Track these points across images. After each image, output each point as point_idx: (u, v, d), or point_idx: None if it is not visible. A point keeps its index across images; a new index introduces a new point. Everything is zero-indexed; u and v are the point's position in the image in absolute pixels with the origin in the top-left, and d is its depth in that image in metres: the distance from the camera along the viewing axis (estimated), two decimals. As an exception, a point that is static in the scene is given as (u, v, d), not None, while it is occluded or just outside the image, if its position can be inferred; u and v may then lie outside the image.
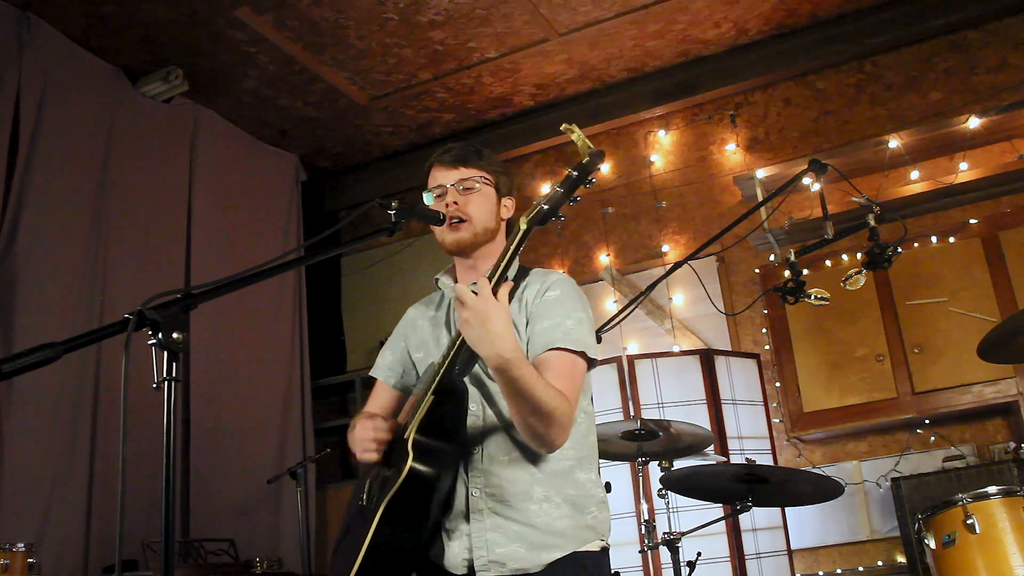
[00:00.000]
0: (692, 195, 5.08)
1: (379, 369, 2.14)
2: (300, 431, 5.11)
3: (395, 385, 2.10)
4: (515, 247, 1.68)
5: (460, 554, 1.80)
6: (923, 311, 4.11)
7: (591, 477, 1.89)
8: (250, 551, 4.25)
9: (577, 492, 1.85)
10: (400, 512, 1.72)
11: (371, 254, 5.82)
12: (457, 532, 1.82)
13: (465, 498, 1.82)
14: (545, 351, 1.81)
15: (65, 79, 4.20)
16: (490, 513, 1.80)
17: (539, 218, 1.65)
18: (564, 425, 1.73)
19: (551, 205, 1.64)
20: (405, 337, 2.11)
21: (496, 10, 4.46)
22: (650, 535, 3.09)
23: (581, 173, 1.62)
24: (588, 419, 1.95)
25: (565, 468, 1.84)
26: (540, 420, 1.70)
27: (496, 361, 1.63)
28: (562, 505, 1.81)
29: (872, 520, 4.29)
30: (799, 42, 4.87)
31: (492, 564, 1.77)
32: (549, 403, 1.67)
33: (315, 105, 5.20)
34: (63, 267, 4.03)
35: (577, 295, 1.93)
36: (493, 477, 1.81)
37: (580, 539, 1.82)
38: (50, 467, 3.78)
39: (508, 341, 1.62)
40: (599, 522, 1.87)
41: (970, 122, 4.22)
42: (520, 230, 1.67)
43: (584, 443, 1.91)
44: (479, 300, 1.62)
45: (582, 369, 1.84)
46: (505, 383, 1.67)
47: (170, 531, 1.35)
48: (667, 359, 4.23)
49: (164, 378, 1.37)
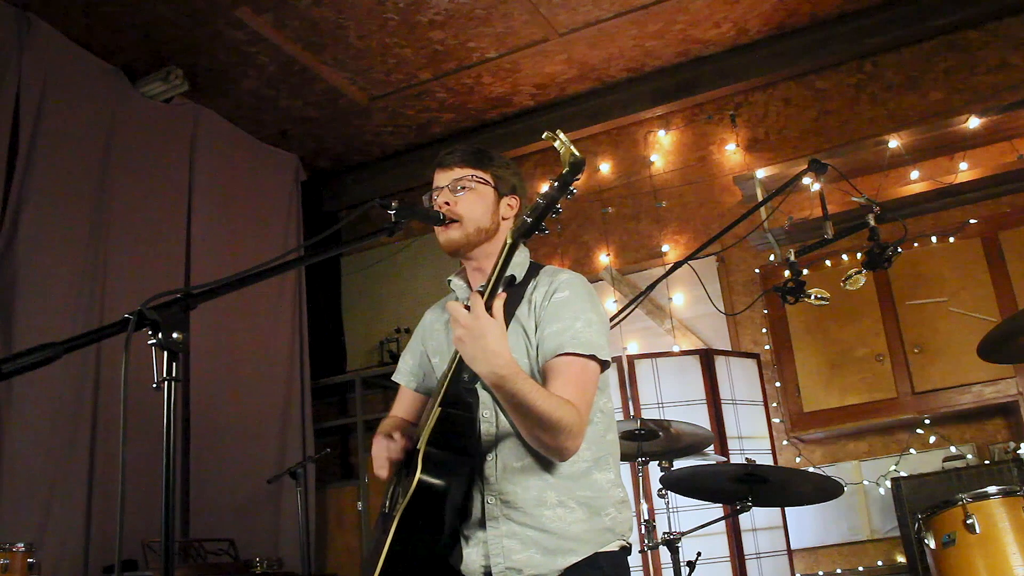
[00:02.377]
0: (692, 195, 5.08)
1: (401, 374, 2.15)
2: (300, 431, 5.12)
3: (417, 389, 2.12)
4: (503, 262, 1.67)
5: (478, 560, 1.81)
6: (923, 311, 4.11)
7: (609, 477, 1.87)
8: (250, 551, 4.25)
9: (593, 494, 1.83)
10: (415, 521, 1.73)
11: (371, 254, 5.82)
12: (474, 539, 1.82)
13: (481, 505, 1.82)
14: (554, 357, 1.80)
15: (65, 79, 4.20)
16: (505, 520, 1.80)
17: (523, 231, 1.63)
18: (573, 434, 1.72)
19: (534, 218, 1.62)
20: (423, 341, 2.12)
21: (496, 10, 4.46)
22: (650, 535, 3.08)
23: (562, 184, 1.60)
24: (605, 418, 1.93)
25: (581, 470, 1.83)
26: (545, 432, 1.69)
27: (492, 378, 1.63)
28: (577, 509, 1.80)
29: (872, 520, 4.29)
30: (799, 42, 4.87)
31: (509, 571, 1.77)
32: (552, 414, 1.67)
33: (315, 105, 5.20)
34: (63, 267, 4.03)
35: (587, 294, 1.91)
36: (507, 484, 1.81)
37: (598, 542, 1.81)
38: (50, 467, 3.78)
39: (502, 357, 1.61)
40: (618, 523, 1.85)
41: (970, 122, 4.22)
42: (507, 244, 1.67)
43: (601, 443, 1.89)
44: (471, 317, 1.61)
45: (593, 372, 1.83)
46: (504, 399, 1.67)
47: (170, 531, 1.35)
48: (667, 359, 4.23)
49: (164, 378, 1.37)
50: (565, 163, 1.60)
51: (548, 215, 1.62)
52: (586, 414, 1.78)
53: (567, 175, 1.59)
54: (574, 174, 1.59)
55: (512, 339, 1.87)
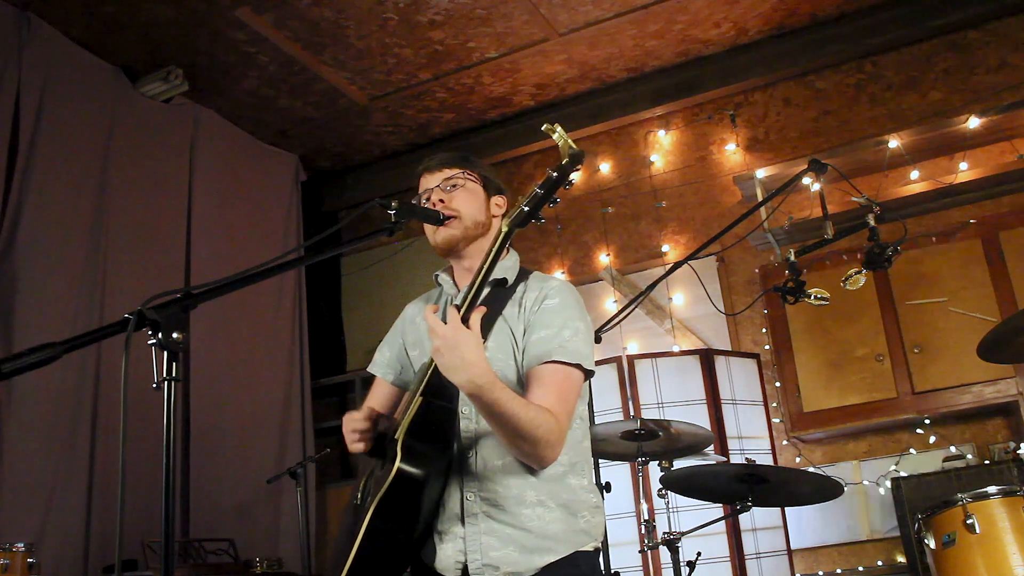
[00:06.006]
0: (692, 195, 5.08)
1: (377, 366, 2.15)
2: (300, 431, 5.12)
3: (393, 381, 2.11)
4: (497, 248, 1.69)
5: (453, 556, 1.80)
6: (923, 311, 4.11)
7: (583, 483, 1.88)
8: (250, 551, 4.25)
9: (571, 497, 1.84)
10: (390, 512, 1.72)
11: (371, 254, 5.82)
12: (450, 535, 1.81)
13: (460, 501, 1.82)
14: (539, 364, 1.81)
15: (65, 79, 4.20)
16: (484, 517, 1.80)
17: (519, 219, 1.66)
18: (552, 443, 1.73)
19: (531, 206, 1.64)
20: (403, 334, 2.12)
21: (496, 10, 4.46)
22: (650, 535, 3.09)
23: (560, 174, 1.61)
24: (583, 424, 1.94)
25: (558, 473, 1.84)
26: (523, 441, 1.70)
27: (470, 387, 1.64)
28: (555, 509, 1.81)
29: (872, 520, 4.29)
30: (799, 42, 4.87)
31: (486, 568, 1.77)
32: (530, 423, 1.68)
33: (315, 105, 5.20)
34: (63, 267, 4.03)
35: (576, 302, 1.92)
36: (488, 482, 1.81)
37: (574, 542, 1.82)
38: (50, 467, 3.78)
39: (479, 367, 1.63)
40: (592, 526, 1.87)
41: (970, 122, 4.22)
42: (502, 232, 1.68)
43: (577, 449, 1.90)
44: (448, 328, 1.63)
45: (577, 381, 1.84)
46: (482, 408, 1.68)
47: (170, 531, 1.35)
48: (667, 359, 4.23)
49: (164, 378, 1.37)
50: (564, 155, 1.62)
51: (545, 204, 1.64)
52: (566, 423, 1.79)
53: (566, 165, 1.61)
54: (573, 164, 1.61)
55: (499, 338, 1.88)
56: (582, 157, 1.62)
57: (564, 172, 1.61)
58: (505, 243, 1.69)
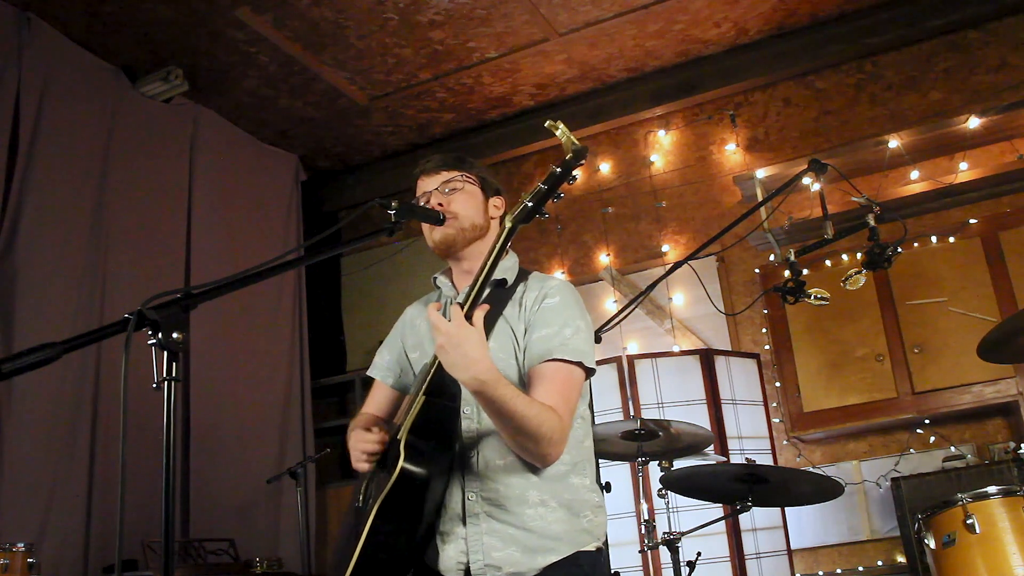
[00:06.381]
0: (692, 195, 5.08)
1: (376, 369, 2.15)
2: (300, 431, 5.12)
3: (393, 385, 2.11)
4: (502, 243, 1.70)
5: (455, 557, 1.80)
6: (923, 311, 4.11)
7: (585, 483, 1.88)
8: (250, 551, 4.25)
9: (572, 496, 1.84)
10: (394, 513, 1.72)
11: (371, 254, 5.82)
12: (452, 535, 1.81)
13: (461, 501, 1.82)
14: (541, 362, 1.81)
15: (65, 79, 4.20)
16: (486, 517, 1.80)
17: (523, 215, 1.67)
18: (554, 440, 1.73)
19: (535, 202, 1.66)
20: (402, 336, 2.12)
21: (496, 10, 4.46)
22: (650, 535, 3.09)
23: (564, 169, 1.64)
24: (584, 424, 1.94)
25: (560, 473, 1.84)
26: (527, 438, 1.70)
27: (473, 384, 1.64)
28: (558, 509, 1.81)
29: (872, 520, 4.29)
30: (799, 42, 4.87)
31: (488, 568, 1.77)
32: (533, 420, 1.68)
33: (315, 105, 5.20)
34: (63, 267, 4.03)
35: (576, 301, 1.93)
36: (489, 481, 1.81)
37: (576, 542, 1.82)
38: (50, 467, 3.77)
39: (483, 364, 1.63)
40: (595, 526, 1.87)
41: (970, 122, 4.22)
42: (506, 228, 1.69)
43: (579, 448, 1.90)
44: (451, 326, 1.64)
45: (578, 379, 1.84)
46: (486, 404, 1.68)
47: (170, 531, 1.35)
48: (667, 359, 4.23)
49: (164, 378, 1.37)
50: (567, 151, 1.64)
51: (548, 199, 1.65)
52: (568, 420, 1.79)
53: (570, 160, 1.63)
54: (577, 160, 1.63)
55: (501, 339, 1.88)
56: (585, 153, 1.65)
57: (568, 167, 1.63)
58: (509, 239, 1.70)
